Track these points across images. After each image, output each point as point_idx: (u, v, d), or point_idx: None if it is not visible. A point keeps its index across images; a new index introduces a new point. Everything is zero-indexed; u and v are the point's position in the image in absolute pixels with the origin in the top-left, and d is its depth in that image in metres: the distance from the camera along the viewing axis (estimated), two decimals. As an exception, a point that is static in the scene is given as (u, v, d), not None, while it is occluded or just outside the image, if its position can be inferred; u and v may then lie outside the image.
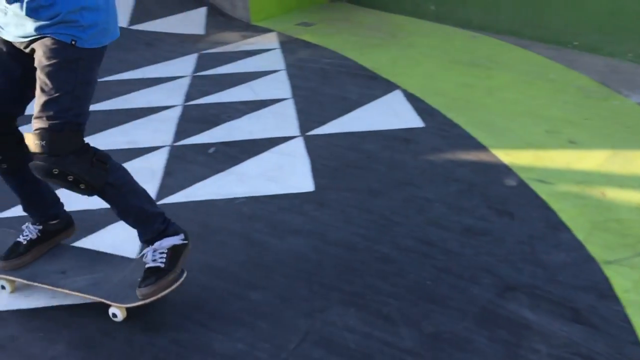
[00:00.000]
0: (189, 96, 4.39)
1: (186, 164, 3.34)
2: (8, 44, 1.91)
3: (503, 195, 2.96)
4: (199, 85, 4.61)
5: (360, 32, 6.03)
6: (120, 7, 6.12)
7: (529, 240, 2.58)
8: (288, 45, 5.63)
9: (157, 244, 2.07)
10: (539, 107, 4.07)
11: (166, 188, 3.07)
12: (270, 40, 5.82)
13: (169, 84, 4.65)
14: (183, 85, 4.63)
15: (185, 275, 2.16)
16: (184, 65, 5.09)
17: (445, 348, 1.98)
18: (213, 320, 2.11)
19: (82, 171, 1.88)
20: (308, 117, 3.97)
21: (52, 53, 1.79)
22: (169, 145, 3.57)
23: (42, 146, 1.81)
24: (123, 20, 5.89)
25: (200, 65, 5.11)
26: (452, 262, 2.43)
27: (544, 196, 2.94)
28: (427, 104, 4.13)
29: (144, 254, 2.11)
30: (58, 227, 2.32)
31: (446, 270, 2.38)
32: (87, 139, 1.97)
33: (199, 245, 2.57)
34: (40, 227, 2.27)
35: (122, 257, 2.33)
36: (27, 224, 2.29)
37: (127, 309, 2.04)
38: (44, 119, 1.81)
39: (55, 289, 2.13)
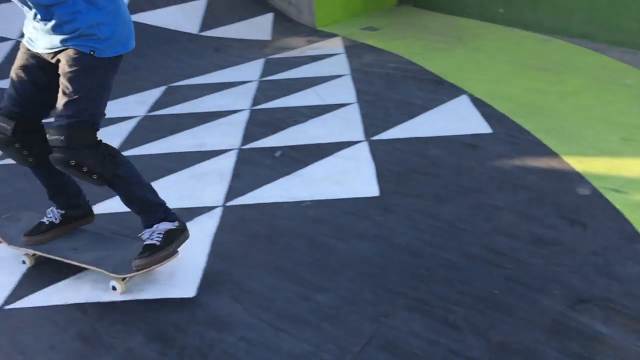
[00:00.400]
0: (256, 100, 4.50)
1: (253, 167, 3.42)
2: (37, 56, 2.19)
3: (575, 204, 2.86)
4: (266, 90, 4.71)
5: (426, 36, 5.99)
6: (191, 15, 6.38)
7: (603, 252, 2.48)
8: (353, 49, 5.66)
9: (155, 227, 2.32)
10: (614, 113, 3.91)
11: (234, 190, 3.16)
12: (335, 45, 5.87)
13: (236, 89, 4.78)
14: (250, 89, 4.75)
15: (177, 255, 2.34)
16: (251, 70, 5.22)
17: (513, 358, 1.94)
18: (280, 320, 2.15)
19: (95, 163, 2.15)
20: (373, 121, 3.98)
21: (74, 61, 2.07)
22: (237, 149, 3.67)
23: (61, 140, 2.09)
24: (193, 27, 6.11)
25: (267, 70, 5.22)
26: (521, 271, 2.38)
27: (619, 206, 2.82)
28: (495, 110, 4.05)
29: (143, 234, 2.34)
30: (78, 214, 2.59)
31: (515, 280, 2.33)
32: (160, 141, 2.08)
33: (266, 246, 2.63)
34: (63, 212, 2.55)
35: (127, 239, 2.54)
36: (51, 208, 2.57)
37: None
38: (64, 117, 2.09)
39: (66, 260, 2.39)
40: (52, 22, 2.05)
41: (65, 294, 2.35)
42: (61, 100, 2.10)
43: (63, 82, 2.09)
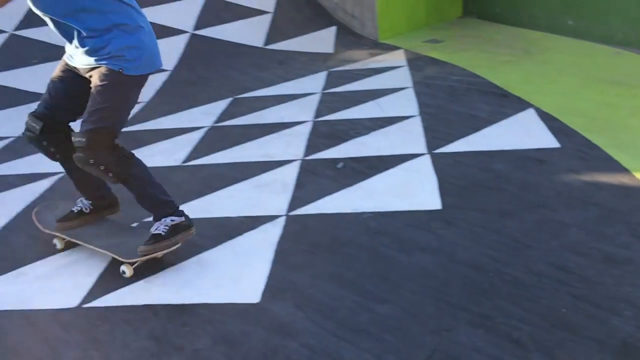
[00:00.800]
0: (318, 112, 4.57)
1: (316, 178, 3.48)
2: (73, 69, 2.54)
3: (649, 223, 2.75)
4: (328, 102, 4.78)
5: (490, 49, 5.91)
6: (257, 29, 6.54)
7: (679, 273, 2.38)
8: (416, 62, 5.66)
9: (163, 220, 2.59)
10: (692, 128, 3.73)
11: (297, 200, 3.22)
12: (397, 57, 5.89)
13: (300, 101, 4.88)
14: (313, 101, 4.83)
15: (178, 245, 2.62)
16: (314, 83, 5.31)
17: (582, 380, 1.89)
18: (342, 329, 2.18)
19: (112, 163, 2.45)
20: (435, 134, 3.96)
21: (104, 77, 2.41)
22: (300, 159, 3.74)
23: (83, 142, 2.40)
24: (259, 40, 6.27)
25: (330, 82, 5.30)
26: (590, 290, 2.31)
27: (697, 226, 2.69)
28: (563, 124, 3.95)
29: (152, 225, 2.61)
30: (104, 204, 2.89)
31: (583, 299, 2.26)
32: (226, 151, 2.17)
33: (328, 256, 2.67)
34: (90, 202, 2.85)
35: (141, 229, 2.84)
36: (81, 198, 2.87)
37: (136, 269, 2.59)
38: (89, 123, 2.41)
39: (87, 244, 2.72)
40: (89, 47, 2.41)
41: (137, 295, 2.47)
42: (89, 109, 2.43)
43: (92, 93, 2.43)
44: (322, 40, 6.43)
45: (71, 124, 2.67)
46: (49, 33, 4.76)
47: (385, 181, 3.37)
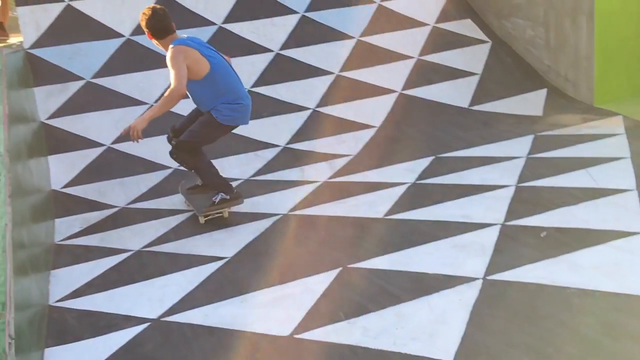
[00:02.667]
0: (522, 177, 4.51)
1: (516, 244, 3.45)
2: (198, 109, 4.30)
3: None
4: (534, 167, 4.69)
5: None
6: (463, 90, 6.68)
7: None
8: (636, 130, 5.27)
9: (218, 194, 4.24)
10: None
11: (495, 265, 3.24)
12: (615, 124, 5.54)
13: (503, 164, 4.86)
14: (517, 165, 4.78)
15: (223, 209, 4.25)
16: (520, 146, 5.24)
17: None
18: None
19: (184, 159, 4.19)
20: (655, 212, 3.67)
21: (207, 116, 4.10)
22: (500, 224, 3.75)
23: (173, 145, 4.13)
24: (464, 101, 6.40)
25: (536, 146, 5.19)
26: None
27: None
28: None
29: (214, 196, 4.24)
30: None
31: None
32: (426, 208, 2.27)
33: (526, 327, 2.65)
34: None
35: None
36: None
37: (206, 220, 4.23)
38: (184, 135, 4.09)
39: (185, 203, 4.57)
40: (204, 105, 4.12)
41: (340, 334, 2.72)
42: (190, 129, 4.10)
43: (196, 122, 4.13)
44: (530, 103, 6.33)
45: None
46: (278, 90, 5.52)
47: (593, 257, 3.22)
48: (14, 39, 6.33)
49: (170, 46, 3.85)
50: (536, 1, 6.55)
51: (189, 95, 4.12)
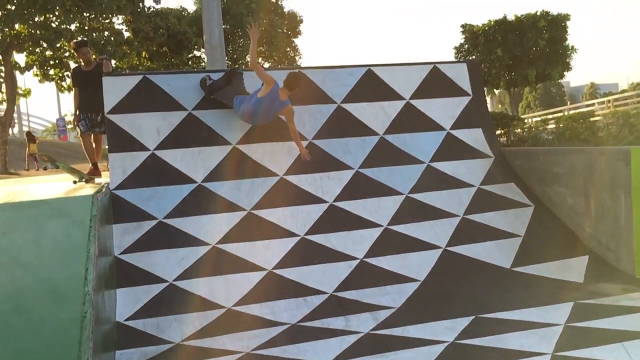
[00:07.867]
0: (559, 346, 4.62)
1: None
2: None
3: None
4: (571, 337, 4.80)
5: None
6: (505, 250, 6.96)
7: None
8: (676, 307, 5.34)
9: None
10: None
11: None
12: (655, 298, 5.62)
13: (542, 330, 4.99)
14: (555, 333, 4.90)
15: None
16: (559, 313, 5.37)
17: None
18: None
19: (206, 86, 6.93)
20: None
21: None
22: (534, 394, 3.85)
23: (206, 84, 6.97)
24: (506, 261, 6.63)
25: (575, 315, 5.30)
26: None
27: None
28: None
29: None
30: None
31: None
32: None
33: None
34: None
35: None
36: None
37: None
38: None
39: None
40: None
41: None
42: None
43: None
44: (571, 269, 6.50)
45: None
46: (330, 239, 5.82)
47: None
48: (100, 179, 7.20)
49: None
50: (576, 173, 6.98)
51: None
